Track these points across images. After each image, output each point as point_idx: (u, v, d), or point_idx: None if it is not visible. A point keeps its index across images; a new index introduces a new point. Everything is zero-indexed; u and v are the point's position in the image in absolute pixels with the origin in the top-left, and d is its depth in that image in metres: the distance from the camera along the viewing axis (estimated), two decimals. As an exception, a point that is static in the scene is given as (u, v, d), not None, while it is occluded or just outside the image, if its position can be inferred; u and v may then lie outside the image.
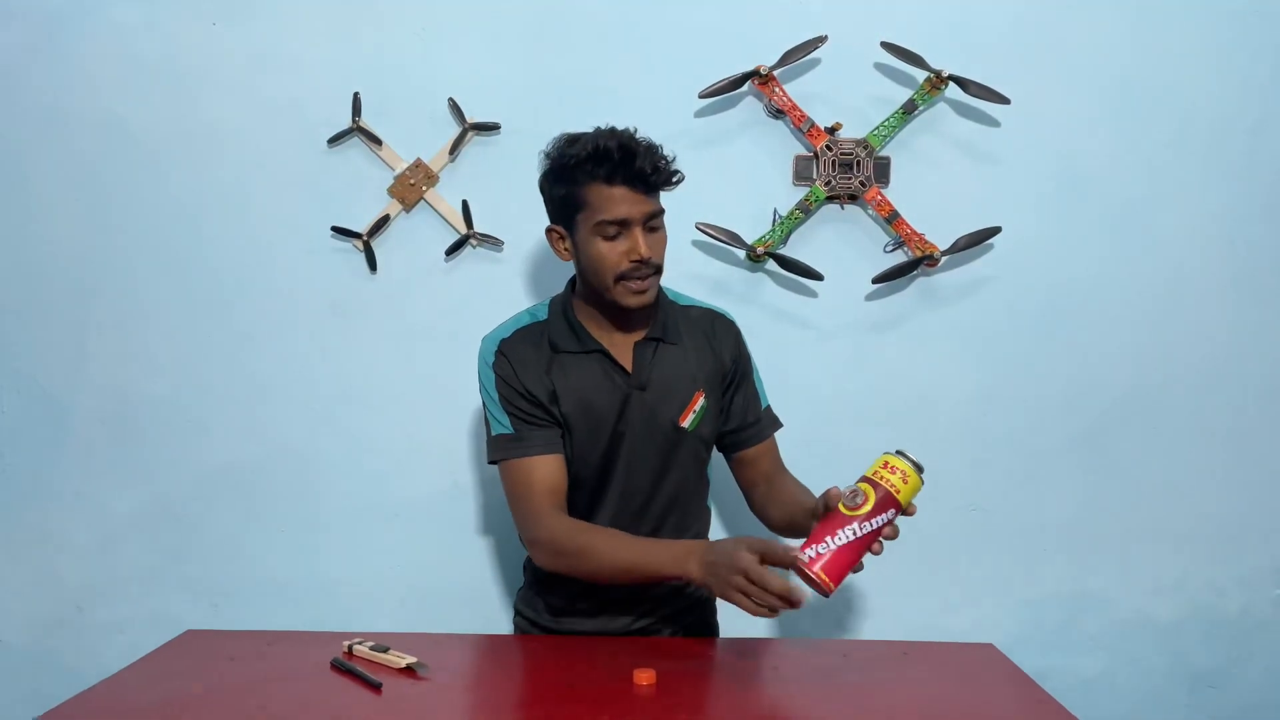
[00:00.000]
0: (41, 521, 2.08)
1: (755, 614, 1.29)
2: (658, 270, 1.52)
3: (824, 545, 1.23)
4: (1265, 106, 2.00)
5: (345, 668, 1.38)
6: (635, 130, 1.50)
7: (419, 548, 2.06)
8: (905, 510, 1.27)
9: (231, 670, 1.40)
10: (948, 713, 1.31)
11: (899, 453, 1.27)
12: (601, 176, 1.46)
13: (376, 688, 1.31)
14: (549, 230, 1.58)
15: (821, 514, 1.29)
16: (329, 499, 2.05)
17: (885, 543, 1.29)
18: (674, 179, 1.52)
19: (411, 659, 1.38)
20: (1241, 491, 2.08)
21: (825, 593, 1.25)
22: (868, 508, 1.23)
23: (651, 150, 1.47)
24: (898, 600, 2.07)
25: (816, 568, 1.23)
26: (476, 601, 2.07)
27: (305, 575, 2.06)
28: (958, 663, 1.51)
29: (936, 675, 1.44)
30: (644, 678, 1.33)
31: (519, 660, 1.54)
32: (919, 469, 1.27)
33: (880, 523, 1.24)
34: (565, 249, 1.56)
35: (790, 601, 1.26)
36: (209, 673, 1.39)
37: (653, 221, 1.51)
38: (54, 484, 2.07)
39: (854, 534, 1.23)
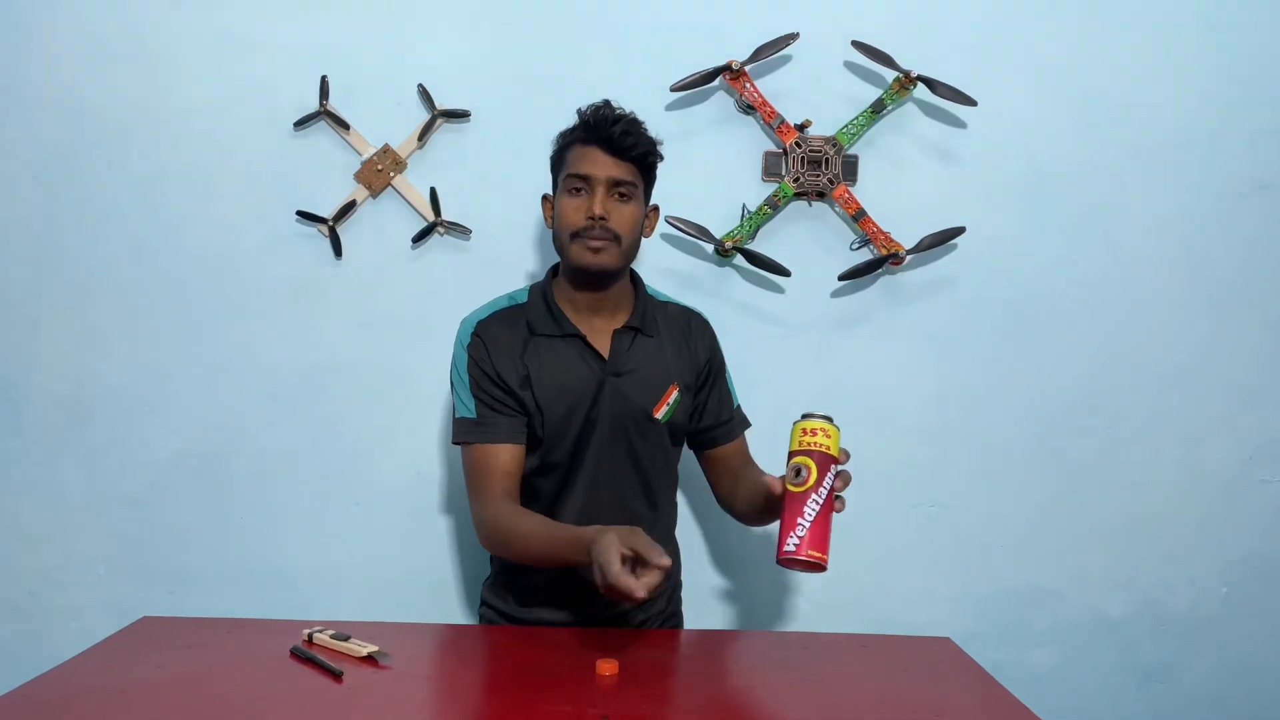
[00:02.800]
0: (-7, 505, 2.04)
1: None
2: (616, 238, 1.55)
3: (799, 529, 1.26)
4: (1224, 115, 2.04)
5: (305, 656, 1.37)
6: (631, 112, 1.57)
7: (381, 536, 2.04)
8: (839, 460, 1.31)
9: (189, 657, 1.39)
10: (905, 704, 1.33)
11: (806, 415, 1.32)
12: (579, 137, 1.56)
13: (337, 676, 1.31)
14: (544, 199, 1.67)
15: (776, 502, 1.32)
16: (290, 486, 2.03)
17: (843, 534, 1.33)
18: (646, 152, 1.57)
19: (373, 647, 1.37)
20: (1192, 492, 2.12)
21: (822, 568, 1.28)
22: (814, 477, 1.27)
23: (630, 120, 1.55)
24: (857, 594, 2.09)
25: (805, 552, 1.26)
26: (439, 591, 2.06)
27: (265, 563, 2.04)
28: (915, 656, 1.53)
29: (894, 668, 1.47)
30: (606, 668, 1.33)
31: (480, 650, 1.54)
32: (830, 419, 1.31)
33: (830, 483, 1.29)
34: (550, 215, 1.63)
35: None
36: (165, 660, 1.38)
37: (621, 189, 1.55)
38: (7, 468, 2.03)
39: (817, 505, 1.27)
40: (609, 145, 1.53)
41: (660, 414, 1.60)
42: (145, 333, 2.01)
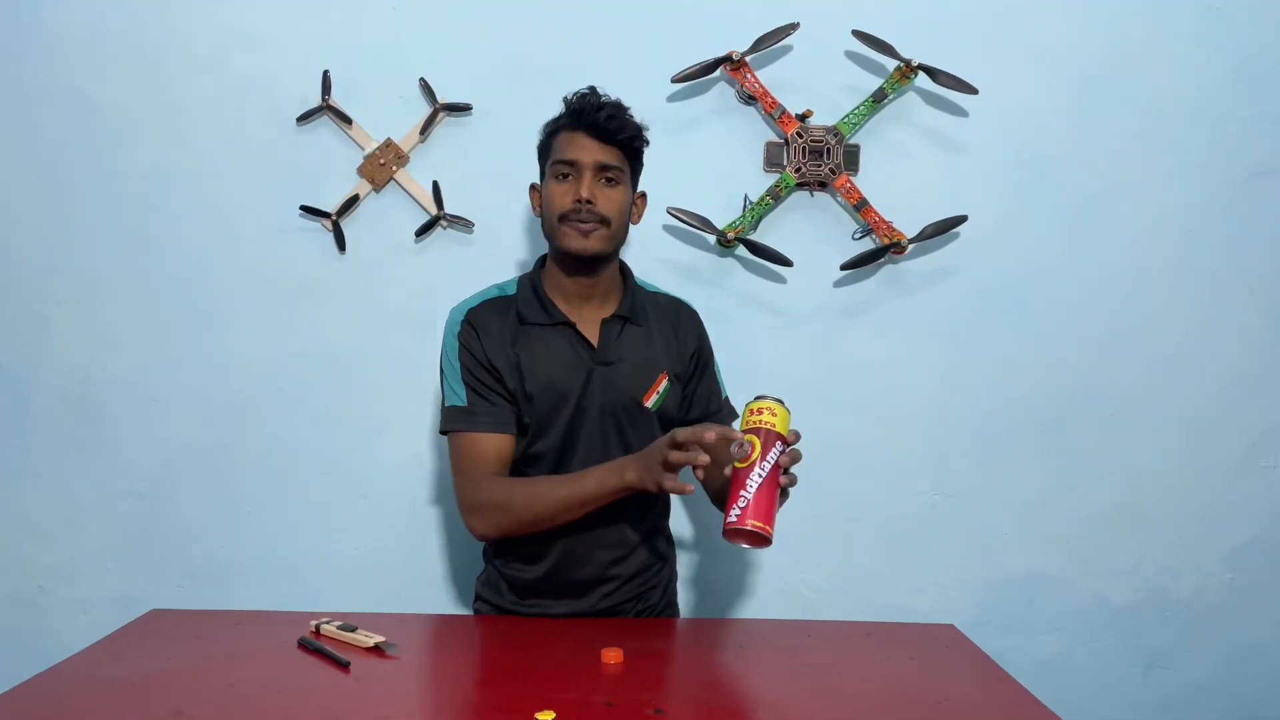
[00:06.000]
0: (2, 500, 2.05)
1: (684, 490, 1.37)
2: (604, 221, 1.56)
3: (741, 500, 1.28)
4: (1226, 102, 2.04)
5: (313, 647, 1.38)
6: (617, 98, 1.58)
7: (387, 528, 2.05)
8: (787, 439, 1.33)
9: (198, 649, 1.40)
10: (909, 691, 1.33)
11: (757, 397, 1.34)
12: (565, 123, 1.58)
13: (345, 666, 1.32)
14: (531, 187, 1.67)
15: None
16: (296, 479, 2.04)
17: (847, 523, 1.33)
18: (632, 136, 1.58)
19: (379, 638, 1.38)
20: (1196, 479, 2.12)
21: (766, 540, 1.28)
22: (758, 451, 1.29)
23: (615, 105, 1.57)
24: (862, 582, 2.09)
25: (748, 522, 1.27)
26: (444, 582, 2.08)
27: (271, 555, 2.05)
28: (920, 643, 1.53)
29: (898, 655, 1.47)
30: (611, 656, 1.34)
31: (487, 640, 1.54)
32: (780, 401, 1.34)
33: (775, 457, 1.30)
34: (538, 203, 1.63)
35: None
36: (174, 651, 1.39)
37: (609, 173, 1.56)
38: (15, 463, 2.04)
39: (759, 477, 1.28)
40: (595, 130, 1.54)
41: (650, 402, 1.61)
42: (151, 328, 2.02)
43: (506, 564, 1.65)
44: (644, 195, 1.69)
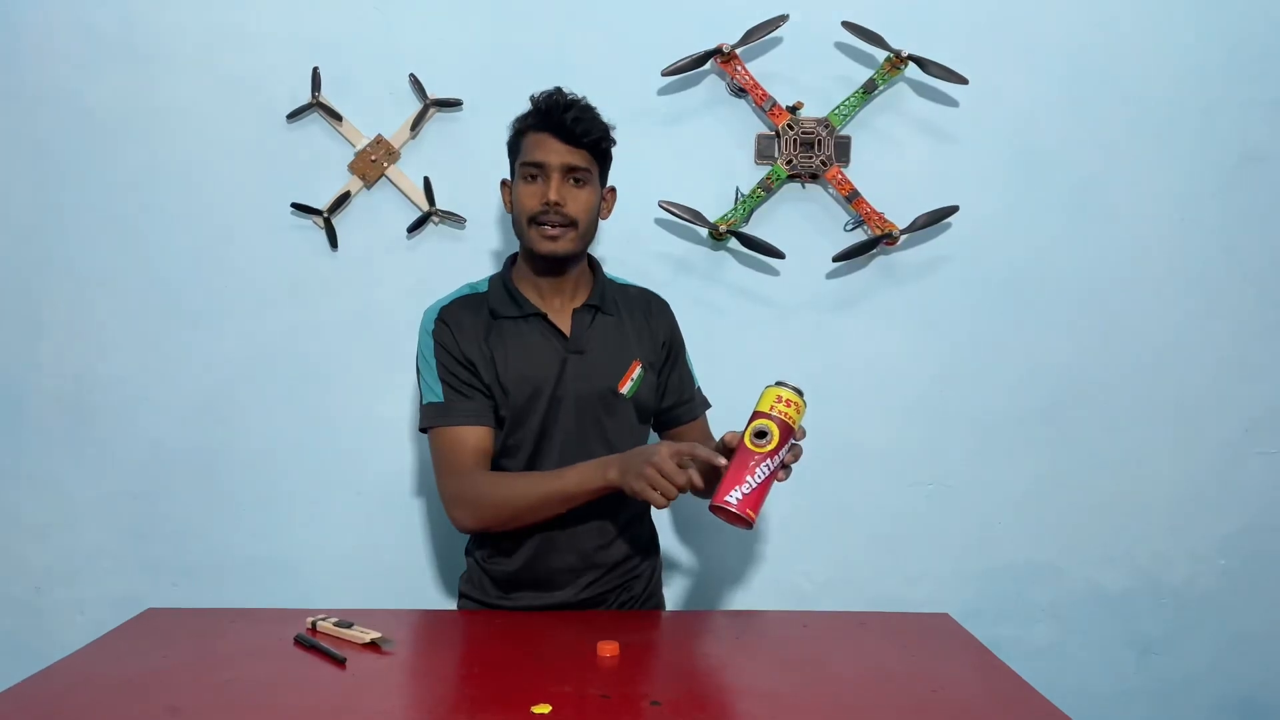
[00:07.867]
0: (-3, 502, 2.05)
1: (655, 502, 1.38)
2: (572, 223, 1.57)
3: (746, 485, 1.30)
4: (1217, 90, 2.04)
5: (309, 643, 1.38)
6: (583, 97, 1.58)
7: (382, 525, 2.05)
8: (797, 436, 1.35)
9: (194, 647, 1.40)
10: (904, 680, 1.34)
11: (780, 383, 1.35)
12: (532, 124, 1.58)
13: (341, 663, 1.32)
14: (503, 184, 1.68)
15: (728, 453, 1.36)
16: (290, 477, 2.04)
17: (841, 513, 1.34)
18: (599, 139, 1.58)
19: (375, 634, 1.38)
20: (1189, 466, 2.13)
21: (750, 526, 1.33)
22: (774, 444, 1.31)
23: (582, 106, 1.57)
24: (856, 572, 2.10)
25: (744, 509, 1.30)
26: (440, 578, 2.08)
27: (267, 553, 2.05)
28: (914, 632, 1.54)
29: (893, 645, 1.48)
30: (607, 649, 1.35)
31: (482, 634, 1.54)
32: (801, 393, 1.35)
33: (784, 453, 1.33)
34: (509, 200, 1.65)
35: (694, 486, 1.38)
36: (171, 649, 1.39)
37: (576, 174, 1.57)
38: (9, 465, 2.04)
39: (768, 469, 1.32)
40: (562, 132, 1.54)
41: (625, 389, 1.62)
42: (143, 328, 2.01)
43: (486, 558, 1.66)
44: (613, 190, 1.70)
